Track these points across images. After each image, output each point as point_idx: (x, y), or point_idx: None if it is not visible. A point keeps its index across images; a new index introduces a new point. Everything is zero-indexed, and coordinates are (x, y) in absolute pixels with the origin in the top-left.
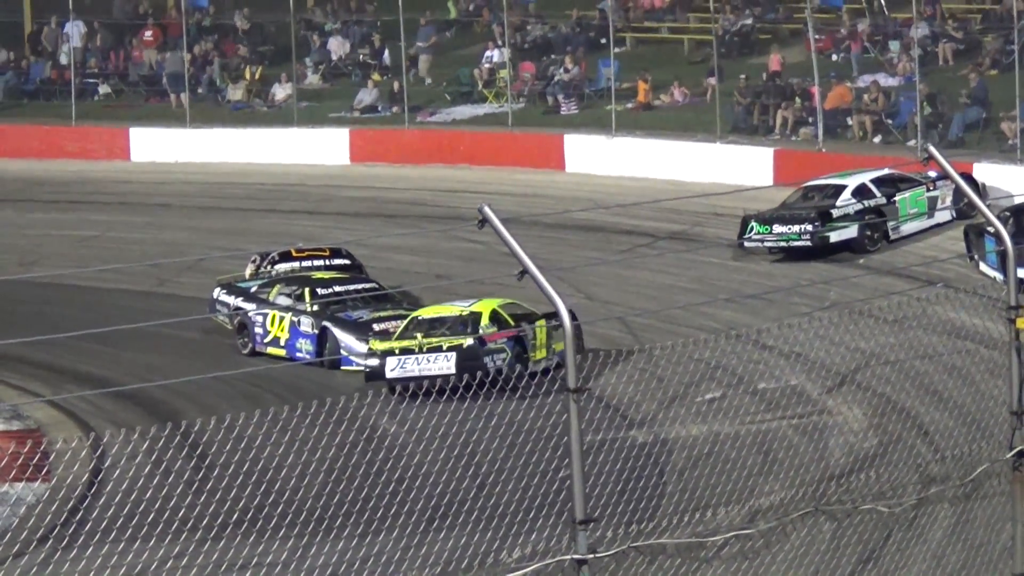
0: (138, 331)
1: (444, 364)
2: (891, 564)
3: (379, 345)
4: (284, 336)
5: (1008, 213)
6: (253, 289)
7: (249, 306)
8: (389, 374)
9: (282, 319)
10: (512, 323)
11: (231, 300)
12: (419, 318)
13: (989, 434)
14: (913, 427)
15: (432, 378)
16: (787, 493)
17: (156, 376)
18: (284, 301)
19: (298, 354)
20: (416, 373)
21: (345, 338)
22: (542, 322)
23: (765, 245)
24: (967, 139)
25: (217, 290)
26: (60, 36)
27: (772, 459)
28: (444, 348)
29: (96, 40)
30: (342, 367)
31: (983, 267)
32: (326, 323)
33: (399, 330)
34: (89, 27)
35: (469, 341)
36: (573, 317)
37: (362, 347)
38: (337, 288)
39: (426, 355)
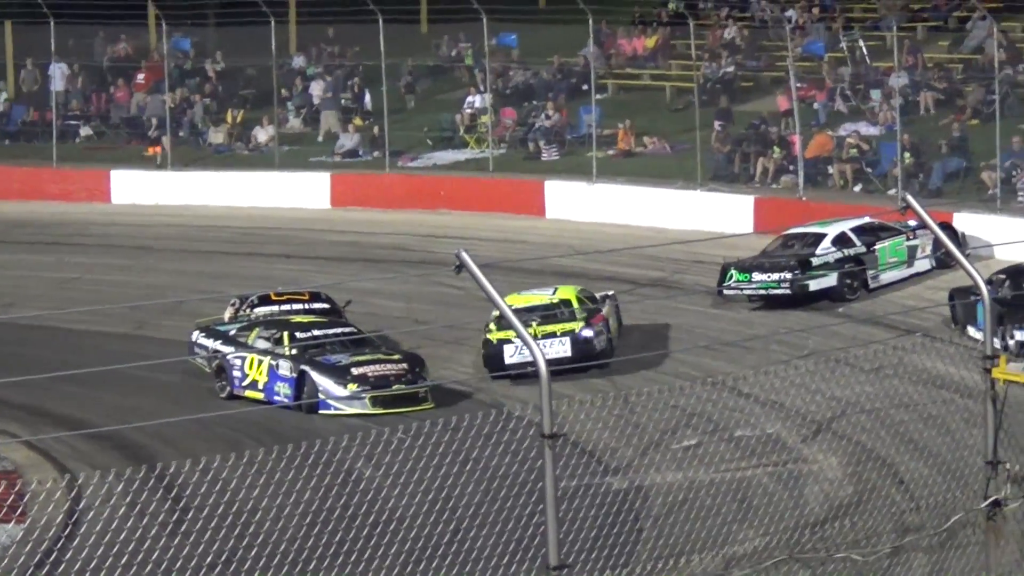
0: (116, 373)
1: (560, 348)
2: None
3: (496, 334)
4: (262, 379)
5: (1004, 275)
6: (232, 332)
7: (228, 349)
8: (508, 360)
9: (260, 362)
10: (592, 305)
11: (210, 343)
12: (512, 307)
13: (964, 483)
14: (889, 476)
15: (551, 362)
16: (762, 541)
17: (133, 418)
18: (263, 345)
19: (276, 398)
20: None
21: (323, 382)
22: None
23: (744, 293)
24: (948, 188)
25: (196, 333)
26: (40, 78)
27: (748, 507)
28: (558, 334)
29: (78, 82)
30: (320, 411)
31: (971, 331)
32: (305, 367)
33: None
34: (71, 69)
35: (581, 325)
36: (608, 299)
37: (341, 391)
38: (316, 332)
39: (541, 341)
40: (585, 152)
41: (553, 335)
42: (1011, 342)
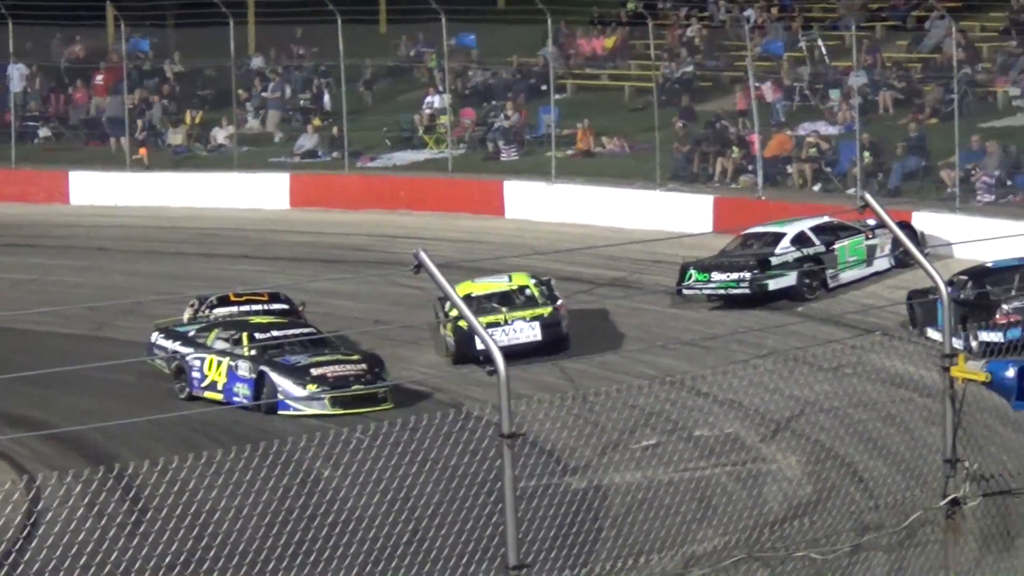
0: (75, 374)
1: (531, 332)
2: None
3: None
4: (221, 380)
5: (965, 276)
6: (191, 333)
7: (187, 350)
8: (480, 346)
9: (219, 363)
10: (547, 291)
11: (169, 344)
12: (471, 295)
13: (924, 482)
14: (848, 475)
15: (522, 346)
16: (722, 540)
17: (92, 419)
18: (222, 345)
19: (235, 398)
20: (506, 343)
21: (282, 382)
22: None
23: (704, 293)
24: (907, 187)
25: (155, 334)
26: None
27: (707, 506)
28: (528, 319)
29: (36, 83)
30: (279, 412)
31: (931, 332)
32: (263, 367)
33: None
34: (30, 70)
35: (549, 310)
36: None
37: (300, 391)
38: (275, 333)
39: (511, 326)
40: (544, 152)
41: (523, 320)
42: (974, 343)
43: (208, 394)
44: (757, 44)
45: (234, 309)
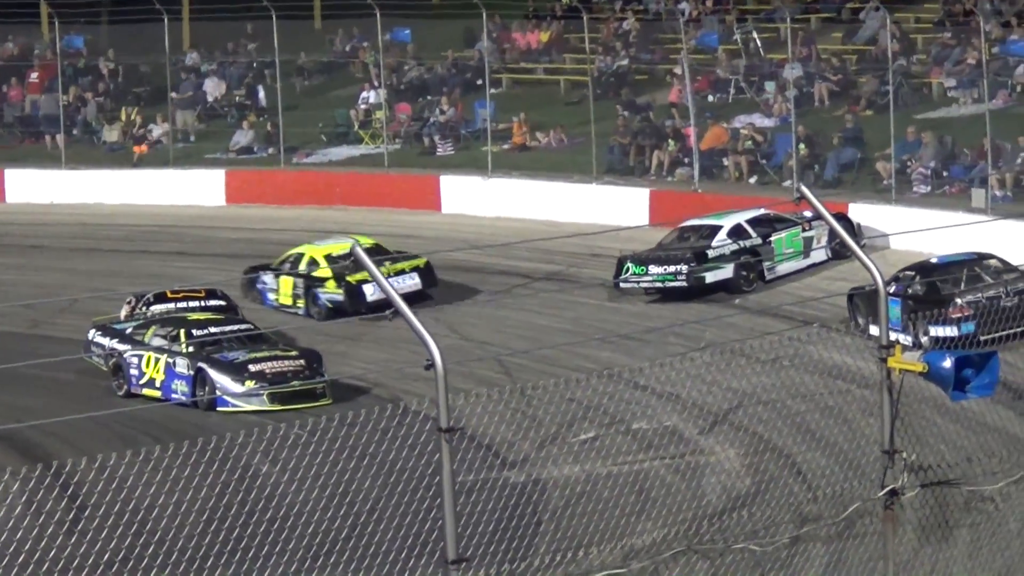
0: (11, 372)
1: (411, 282)
2: None
3: (356, 276)
4: (160, 377)
5: (912, 272)
6: (128, 330)
7: (124, 347)
8: (369, 298)
9: (157, 360)
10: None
11: (106, 341)
12: (331, 255)
13: (862, 473)
14: (787, 466)
15: (406, 295)
16: (661, 533)
17: (29, 417)
18: (159, 342)
19: (173, 395)
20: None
21: (220, 379)
22: None
23: (641, 286)
24: (843, 179)
25: (92, 331)
26: None
27: (646, 499)
28: (407, 270)
29: None
30: (218, 408)
31: (873, 330)
32: (201, 364)
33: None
34: None
35: (424, 260)
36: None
37: (238, 387)
38: (213, 329)
39: (395, 278)
40: (480, 147)
41: (403, 272)
42: (924, 339)
43: (146, 391)
44: (692, 37)
45: (171, 306)
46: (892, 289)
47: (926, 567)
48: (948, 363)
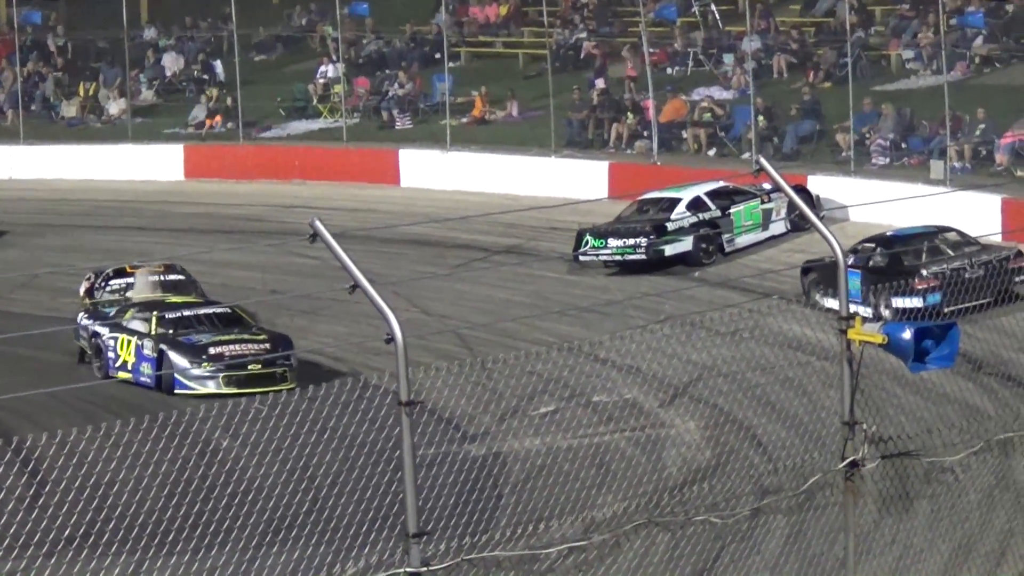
0: None
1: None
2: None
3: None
4: (131, 360)
5: (872, 243)
6: (112, 313)
7: (105, 330)
8: None
9: (129, 343)
10: None
11: (91, 324)
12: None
13: (822, 445)
14: (747, 439)
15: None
16: (622, 505)
17: None
18: (139, 325)
19: (142, 378)
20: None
21: (178, 360)
22: None
23: (600, 259)
24: (802, 151)
25: (81, 315)
26: None
27: (607, 472)
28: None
29: None
30: (175, 390)
31: (828, 302)
32: (163, 346)
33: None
34: None
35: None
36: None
37: (194, 369)
38: (186, 313)
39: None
40: (439, 120)
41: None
42: (886, 311)
43: (120, 374)
44: (651, 10)
45: (130, 280)
46: (851, 261)
47: (886, 538)
48: (908, 334)
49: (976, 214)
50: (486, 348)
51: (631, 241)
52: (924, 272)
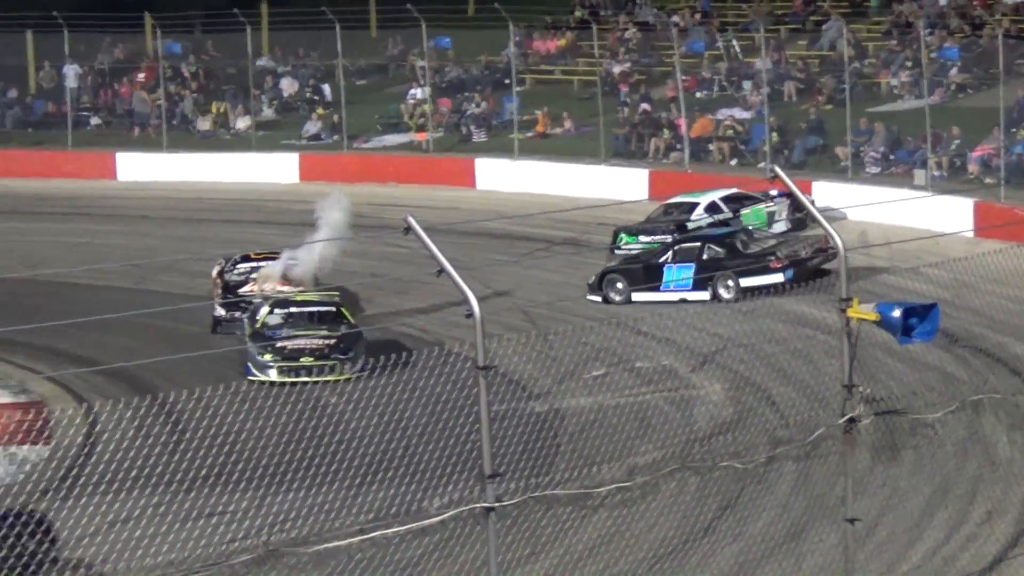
0: (121, 320)
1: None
2: (745, 511)
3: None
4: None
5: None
6: (243, 305)
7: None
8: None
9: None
10: None
11: (224, 312)
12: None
13: (826, 404)
14: (763, 399)
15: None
16: (659, 453)
17: (138, 357)
18: (275, 321)
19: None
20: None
21: (251, 349)
22: None
23: (633, 253)
24: (808, 161)
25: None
26: (56, 77)
27: (647, 425)
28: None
29: (88, 80)
30: (247, 377)
31: (635, 296)
32: (248, 338)
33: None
34: (82, 69)
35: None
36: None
37: (258, 359)
38: (293, 309)
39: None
40: (508, 134)
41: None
42: (727, 294)
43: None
44: (682, 44)
45: (254, 264)
46: (668, 257)
47: (878, 481)
48: (897, 313)
49: (952, 215)
50: (547, 323)
51: (658, 238)
52: (777, 254)
